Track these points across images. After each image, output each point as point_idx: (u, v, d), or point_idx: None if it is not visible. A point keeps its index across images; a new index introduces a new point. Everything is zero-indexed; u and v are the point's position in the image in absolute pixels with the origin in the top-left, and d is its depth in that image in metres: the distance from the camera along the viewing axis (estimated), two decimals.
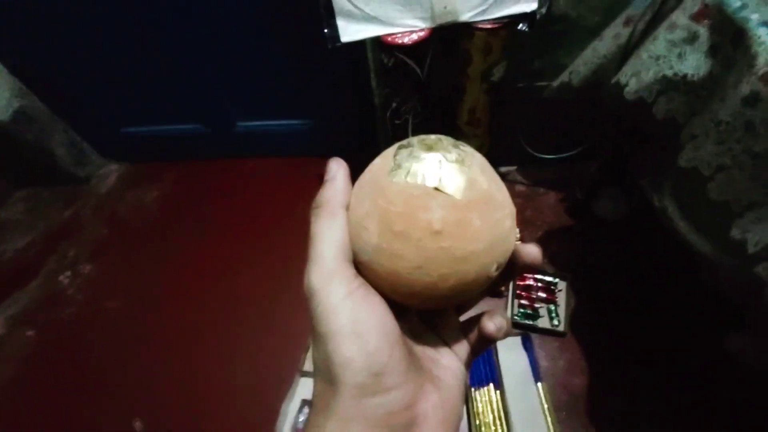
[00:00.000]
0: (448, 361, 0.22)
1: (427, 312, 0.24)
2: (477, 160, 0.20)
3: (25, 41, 1.02)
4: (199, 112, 1.21)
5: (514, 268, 0.22)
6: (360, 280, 0.19)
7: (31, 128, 1.16)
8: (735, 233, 0.40)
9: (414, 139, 0.20)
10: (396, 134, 0.86)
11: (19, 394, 0.91)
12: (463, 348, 0.23)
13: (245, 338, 0.93)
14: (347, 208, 0.20)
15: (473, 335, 0.23)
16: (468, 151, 0.20)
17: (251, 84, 1.10)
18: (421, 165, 0.18)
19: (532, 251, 0.21)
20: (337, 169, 0.21)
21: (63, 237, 1.19)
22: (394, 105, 0.79)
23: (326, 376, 0.18)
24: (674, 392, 0.78)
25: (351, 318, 0.17)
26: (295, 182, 1.24)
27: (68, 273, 1.10)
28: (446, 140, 0.20)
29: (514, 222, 0.21)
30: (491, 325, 0.21)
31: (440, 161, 0.18)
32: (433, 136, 0.20)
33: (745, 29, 0.40)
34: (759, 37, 0.39)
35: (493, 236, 0.19)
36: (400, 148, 0.20)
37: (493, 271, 0.19)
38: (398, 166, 0.18)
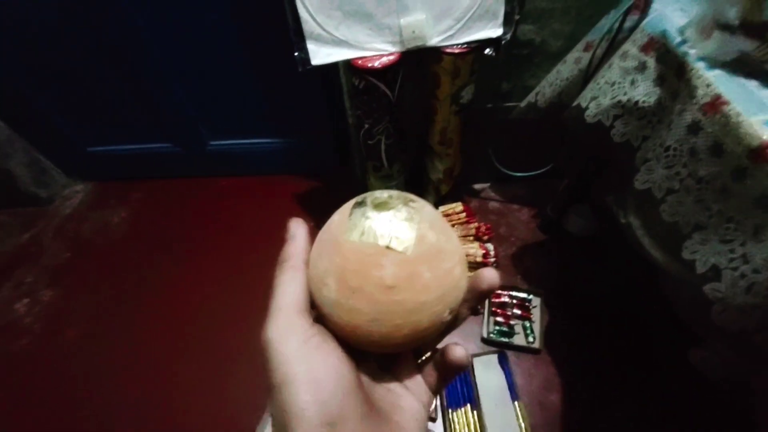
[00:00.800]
0: (408, 404, 0.22)
1: (384, 357, 0.24)
2: (426, 215, 0.21)
3: None
4: (170, 132, 1.19)
5: (477, 295, 0.22)
6: (315, 329, 0.20)
7: None
8: (685, 254, 0.42)
9: (368, 197, 0.21)
10: (369, 155, 0.86)
11: None
12: (422, 389, 0.23)
13: (217, 362, 0.90)
14: (307, 263, 0.22)
15: (432, 375, 0.23)
16: (418, 207, 0.21)
17: (223, 104, 1.09)
18: (373, 223, 0.20)
19: (489, 276, 0.22)
20: (296, 228, 0.23)
21: (20, 262, 1.13)
22: (366, 126, 0.80)
23: (281, 430, 0.17)
24: (647, 404, 0.79)
25: (305, 366, 0.18)
26: (270, 201, 1.23)
27: (25, 300, 1.04)
28: (398, 198, 0.21)
29: (465, 267, 0.22)
30: (459, 350, 0.22)
31: (390, 220, 0.20)
32: (385, 194, 0.21)
33: (686, 63, 0.43)
34: (697, 71, 0.42)
35: (444, 285, 0.20)
36: (354, 206, 0.21)
37: (445, 316, 0.20)
38: (354, 226, 0.20)
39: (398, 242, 0.19)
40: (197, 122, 1.15)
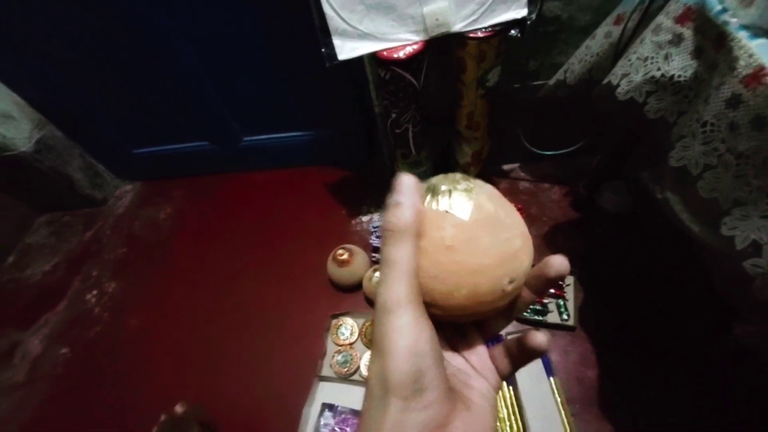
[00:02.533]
0: (478, 384, 0.24)
1: (455, 334, 0.26)
2: (485, 190, 0.23)
3: (39, 72, 1.07)
4: (205, 130, 1.25)
5: (544, 282, 0.23)
6: (422, 308, 0.21)
7: (51, 156, 1.22)
8: (724, 230, 0.41)
9: (438, 177, 0.24)
10: (397, 143, 0.88)
11: (56, 412, 0.95)
12: (491, 372, 0.25)
13: (264, 347, 0.96)
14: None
15: (501, 360, 0.25)
16: (478, 183, 0.23)
17: (255, 101, 1.14)
18: (440, 194, 0.22)
19: (558, 262, 0.22)
20: (408, 187, 0.21)
21: (86, 258, 1.25)
22: (393, 115, 0.81)
23: (379, 390, 0.19)
24: (685, 381, 0.79)
25: (412, 340, 0.19)
26: (303, 191, 1.28)
27: (94, 292, 1.15)
28: (459, 175, 0.24)
29: (527, 243, 0.23)
30: (540, 336, 0.23)
31: (450, 191, 0.22)
32: (446, 175, 0.24)
33: (726, 32, 0.42)
34: (739, 41, 0.40)
35: (502, 252, 0.22)
36: (427, 182, 0.24)
37: (506, 284, 0.22)
38: (426, 198, 0.22)
39: (458, 209, 0.21)
40: (230, 120, 1.21)
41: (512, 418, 0.79)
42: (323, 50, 0.70)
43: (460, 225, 0.21)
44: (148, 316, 1.08)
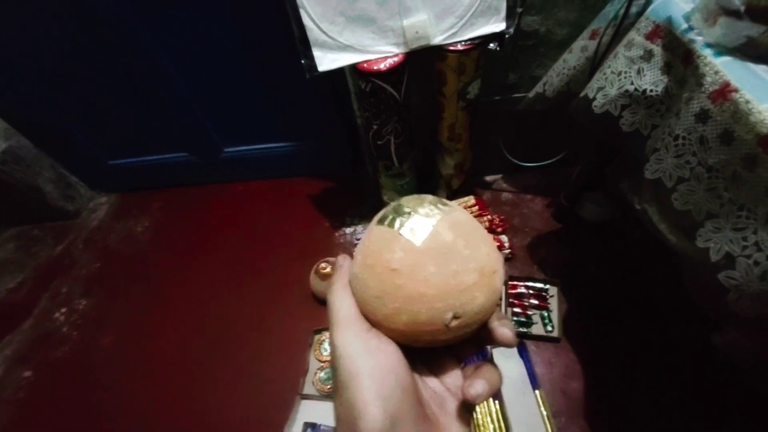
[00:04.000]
0: (453, 407, 0.23)
1: (430, 360, 0.25)
2: (453, 216, 0.22)
3: (7, 81, 1.03)
4: (185, 141, 1.23)
5: (489, 338, 0.23)
6: (373, 332, 0.22)
7: (19, 167, 1.17)
8: (699, 242, 0.42)
9: (406, 198, 0.24)
10: (380, 155, 0.88)
11: None
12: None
13: (244, 364, 0.93)
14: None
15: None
16: (446, 210, 0.22)
17: (235, 112, 1.12)
18: (398, 216, 0.22)
19: (504, 334, 0.22)
20: (343, 260, 0.26)
21: (56, 273, 1.19)
22: (375, 127, 0.81)
23: (347, 428, 0.19)
24: (670, 389, 0.79)
25: (369, 363, 0.20)
26: (285, 203, 1.26)
27: (63, 310, 1.10)
28: (428, 199, 0.23)
29: (487, 280, 0.22)
30: (470, 390, 0.21)
31: (410, 213, 0.22)
32: (419, 196, 0.24)
33: (692, 50, 0.43)
34: (705, 58, 0.42)
35: (447, 285, 0.20)
36: (391, 204, 0.24)
37: (448, 319, 0.21)
38: (384, 216, 0.23)
39: (411, 233, 0.21)
40: (211, 131, 1.18)
41: None
42: (303, 61, 0.70)
43: (409, 250, 0.21)
44: (122, 334, 1.03)
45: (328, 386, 0.85)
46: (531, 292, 0.95)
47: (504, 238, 1.01)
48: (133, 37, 0.93)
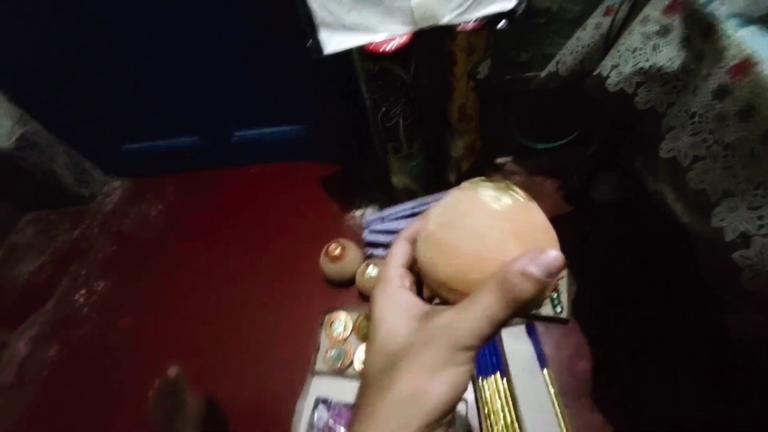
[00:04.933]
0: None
1: None
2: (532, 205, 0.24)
3: (22, 68, 1.04)
4: (196, 125, 1.23)
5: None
6: (404, 288, 0.24)
7: (34, 153, 1.19)
8: (714, 221, 0.41)
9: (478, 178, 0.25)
10: (388, 137, 0.87)
11: (42, 416, 0.94)
12: None
13: (257, 343, 0.96)
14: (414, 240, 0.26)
15: None
16: (517, 196, 0.24)
17: (246, 95, 1.12)
18: (497, 191, 0.24)
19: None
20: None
21: (74, 256, 1.23)
22: (383, 109, 0.80)
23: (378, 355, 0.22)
24: (678, 371, 0.79)
25: (380, 308, 0.23)
26: (295, 186, 1.26)
27: (83, 291, 1.14)
28: (508, 185, 0.25)
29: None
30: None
31: (491, 189, 0.24)
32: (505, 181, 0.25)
33: (713, 23, 0.41)
34: (726, 31, 0.40)
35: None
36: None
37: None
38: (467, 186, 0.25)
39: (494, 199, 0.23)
40: (222, 114, 1.19)
41: (506, 409, 0.80)
42: (309, 43, 0.69)
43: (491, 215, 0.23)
44: (139, 316, 1.06)
45: (339, 364, 0.87)
46: None
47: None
48: (142, 20, 0.93)
